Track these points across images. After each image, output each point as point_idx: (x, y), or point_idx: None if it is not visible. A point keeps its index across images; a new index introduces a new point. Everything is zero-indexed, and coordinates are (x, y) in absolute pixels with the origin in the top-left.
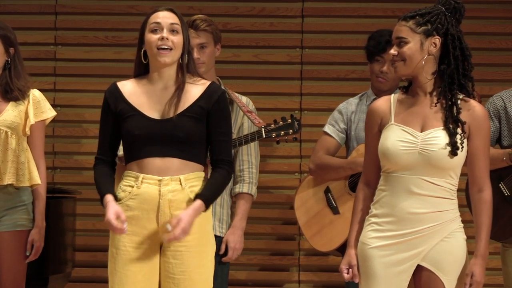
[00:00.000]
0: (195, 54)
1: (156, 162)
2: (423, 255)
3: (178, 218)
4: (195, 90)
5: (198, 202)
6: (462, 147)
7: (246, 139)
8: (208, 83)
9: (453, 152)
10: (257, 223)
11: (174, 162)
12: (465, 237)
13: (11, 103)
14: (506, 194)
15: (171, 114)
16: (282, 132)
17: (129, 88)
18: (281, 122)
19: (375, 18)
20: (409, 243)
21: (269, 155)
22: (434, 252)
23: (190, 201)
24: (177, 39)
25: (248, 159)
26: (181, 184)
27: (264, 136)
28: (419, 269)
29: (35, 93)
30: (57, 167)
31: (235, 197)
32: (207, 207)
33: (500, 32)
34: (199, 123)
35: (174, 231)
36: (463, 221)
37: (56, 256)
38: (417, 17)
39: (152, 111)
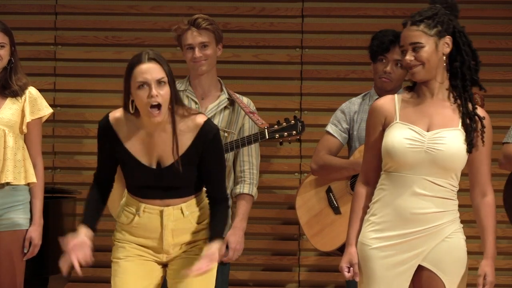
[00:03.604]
0: (196, 53)
1: (156, 201)
2: (424, 255)
3: (208, 264)
4: (187, 133)
5: (219, 242)
6: (483, 141)
7: (249, 140)
8: (200, 124)
9: (469, 150)
10: (257, 223)
11: (174, 201)
12: (464, 237)
13: (8, 101)
14: None
15: (168, 163)
16: (286, 133)
17: (123, 129)
18: (284, 123)
19: (375, 18)
20: (410, 243)
21: (269, 155)
22: (435, 253)
23: (191, 227)
24: (165, 91)
25: (248, 159)
26: (182, 213)
27: (267, 137)
28: (419, 269)
29: (31, 91)
30: (57, 167)
31: (235, 198)
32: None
33: (500, 32)
34: (195, 167)
35: (201, 266)
36: (462, 221)
37: (56, 256)
38: (425, 20)
39: (147, 158)
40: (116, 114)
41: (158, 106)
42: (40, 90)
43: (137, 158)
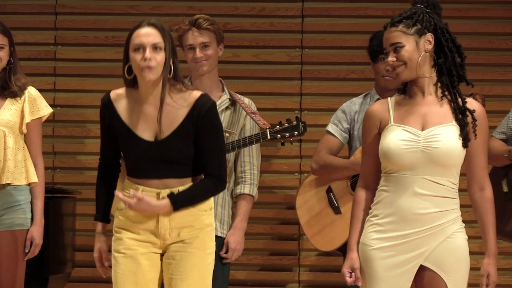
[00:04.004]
0: (197, 53)
1: (153, 182)
2: (426, 255)
3: (142, 197)
4: (184, 106)
5: (166, 201)
6: (475, 135)
7: (251, 140)
8: (196, 97)
9: (465, 144)
10: (257, 223)
11: (171, 181)
12: (466, 237)
13: (7, 101)
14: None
15: (163, 136)
16: (287, 134)
17: (122, 104)
18: (286, 124)
19: (375, 18)
20: (412, 244)
21: (269, 155)
22: (437, 252)
23: (188, 211)
24: (160, 56)
25: (249, 160)
26: None
27: (269, 138)
28: (421, 269)
29: (31, 91)
30: (57, 167)
31: (236, 198)
32: (174, 209)
33: (500, 32)
34: (191, 141)
35: (131, 201)
36: (463, 221)
37: (56, 256)
38: (404, 20)
39: (145, 132)
40: (118, 90)
41: (151, 69)
42: (40, 90)
43: (134, 131)
